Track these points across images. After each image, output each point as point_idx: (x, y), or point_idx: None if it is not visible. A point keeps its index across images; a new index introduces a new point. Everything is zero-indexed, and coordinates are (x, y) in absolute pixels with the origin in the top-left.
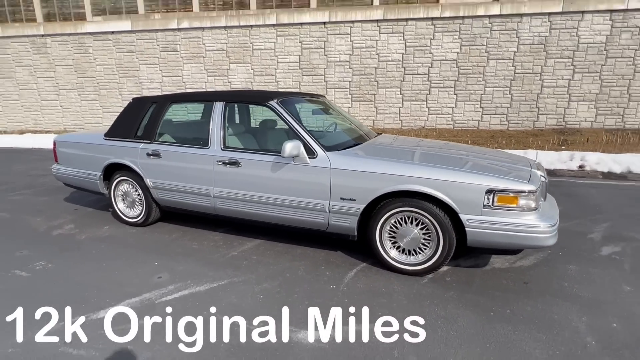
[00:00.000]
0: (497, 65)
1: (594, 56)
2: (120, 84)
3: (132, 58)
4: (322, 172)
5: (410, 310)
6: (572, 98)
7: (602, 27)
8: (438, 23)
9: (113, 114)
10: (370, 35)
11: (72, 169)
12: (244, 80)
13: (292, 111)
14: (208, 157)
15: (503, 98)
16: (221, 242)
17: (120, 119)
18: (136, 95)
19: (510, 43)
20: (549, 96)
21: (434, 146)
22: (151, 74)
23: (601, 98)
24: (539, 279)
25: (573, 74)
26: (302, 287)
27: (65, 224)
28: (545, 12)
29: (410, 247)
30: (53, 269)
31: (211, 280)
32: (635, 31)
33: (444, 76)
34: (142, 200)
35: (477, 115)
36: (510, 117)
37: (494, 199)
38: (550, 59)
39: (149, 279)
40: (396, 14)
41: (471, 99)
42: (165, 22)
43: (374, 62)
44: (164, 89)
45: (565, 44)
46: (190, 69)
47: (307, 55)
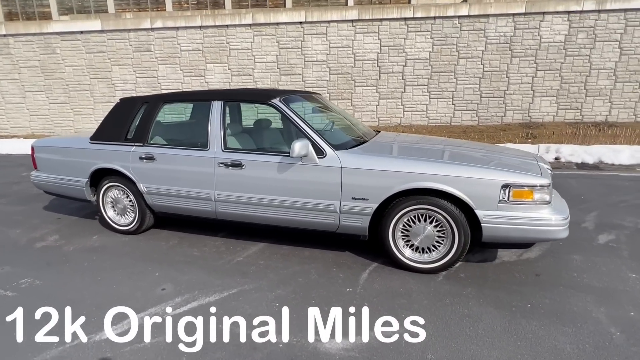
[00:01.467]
0: (467, 63)
1: (554, 54)
2: (91, 86)
3: (104, 59)
4: (332, 172)
5: (433, 310)
6: (536, 94)
7: (561, 28)
8: (411, 23)
9: (85, 116)
10: (346, 35)
11: (55, 175)
12: (222, 80)
13: (296, 109)
14: (208, 159)
15: (473, 95)
16: (223, 248)
17: (107, 121)
18: (122, 97)
19: (479, 42)
20: (515, 92)
21: (441, 143)
22: (124, 75)
23: (561, 94)
24: (549, 270)
25: (536, 72)
26: (318, 291)
27: (48, 235)
28: (509, 13)
29: (424, 245)
30: (41, 286)
31: (220, 289)
32: (590, 31)
33: (418, 75)
34: (135, 206)
35: (450, 112)
36: (480, 112)
37: (509, 193)
38: (515, 57)
39: (152, 292)
40: (370, 14)
41: (444, 96)
42: (138, 22)
43: (350, 61)
44: (138, 90)
45: (529, 43)
46: (166, 69)
47: (285, 54)
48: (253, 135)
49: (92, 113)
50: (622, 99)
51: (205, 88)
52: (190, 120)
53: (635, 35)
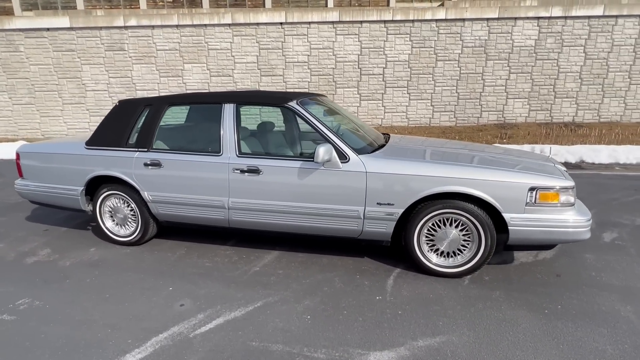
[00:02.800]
0: (444, 66)
1: (526, 58)
2: (59, 86)
3: (73, 57)
4: (356, 177)
5: (469, 316)
6: (509, 96)
7: (532, 32)
8: (390, 26)
9: (52, 118)
10: (327, 37)
11: (44, 184)
12: (200, 81)
13: (314, 112)
14: (221, 165)
15: (451, 96)
16: (236, 257)
17: (105, 125)
18: (121, 99)
19: (455, 45)
20: (490, 94)
21: (459, 146)
22: (96, 75)
23: (533, 95)
24: (568, 270)
25: (509, 74)
26: (347, 301)
27: (38, 249)
28: (484, 18)
29: (449, 249)
30: (43, 307)
31: (243, 303)
32: (558, 36)
33: (398, 76)
34: (137, 216)
35: (429, 113)
36: (457, 114)
37: (536, 196)
38: (490, 60)
39: (169, 309)
40: (351, 16)
41: (423, 97)
42: (110, 20)
43: (331, 62)
44: (111, 90)
45: (502, 47)
46: (141, 69)
47: (265, 55)
48: (267, 139)
49: (60, 115)
50: (587, 100)
51: (183, 89)
52: (198, 123)
53: (599, 40)
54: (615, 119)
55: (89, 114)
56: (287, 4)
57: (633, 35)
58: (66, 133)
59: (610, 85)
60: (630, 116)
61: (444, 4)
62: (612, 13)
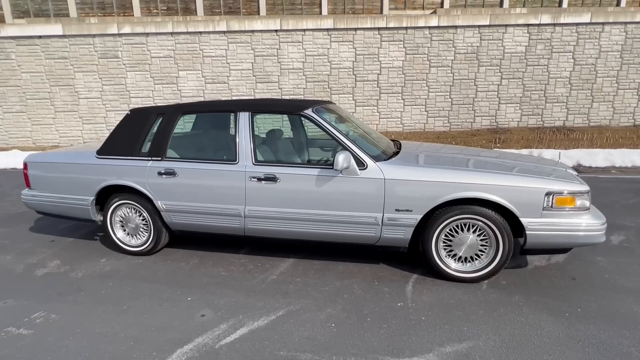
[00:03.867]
0: (438, 72)
1: (517, 64)
2: (52, 94)
3: (66, 65)
4: (375, 184)
5: (492, 321)
6: (502, 101)
7: (522, 39)
8: (384, 33)
9: (44, 126)
10: (322, 44)
11: (53, 194)
12: (195, 88)
13: (330, 120)
14: (238, 173)
15: (444, 102)
16: (251, 266)
17: (117, 134)
18: (133, 107)
19: (448, 52)
20: (483, 100)
21: (471, 152)
22: (89, 82)
23: (524, 101)
24: (582, 274)
25: (501, 80)
26: (369, 307)
27: (47, 261)
28: (475, 25)
29: (467, 254)
30: (60, 320)
31: (265, 312)
32: (547, 43)
33: (392, 83)
34: (149, 225)
35: (423, 119)
36: (451, 119)
37: (552, 201)
38: (482, 66)
39: (191, 319)
40: (345, 24)
41: (417, 103)
42: (104, 27)
43: (326, 69)
44: (104, 98)
45: (494, 53)
46: (135, 76)
47: (261, 62)
48: (280, 147)
49: (52, 123)
50: (577, 105)
51: (177, 96)
52: (211, 132)
53: (586, 47)
54: (604, 122)
55: (81, 122)
56: (282, 12)
57: (619, 42)
58: (58, 142)
59: (598, 90)
60: (618, 120)
61: (436, 11)
62: (599, 20)
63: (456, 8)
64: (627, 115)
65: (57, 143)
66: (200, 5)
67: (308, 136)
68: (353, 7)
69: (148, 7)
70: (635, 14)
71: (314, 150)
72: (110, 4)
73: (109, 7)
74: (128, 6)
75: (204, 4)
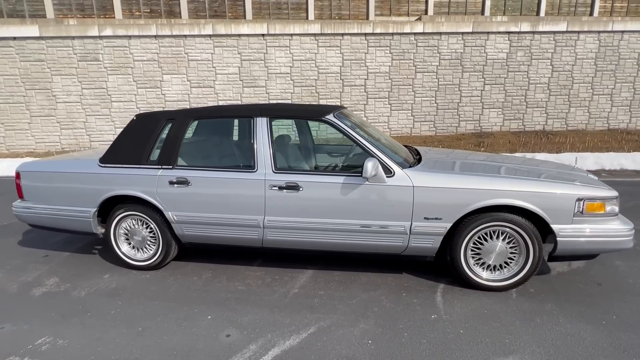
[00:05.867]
0: (423, 77)
1: (499, 70)
2: (27, 98)
3: (43, 68)
4: (403, 191)
5: (532, 332)
6: (485, 106)
7: (503, 46)
8: (371, 38)
9: (19, 132)
10: (309, 48)
11: (50, 206)
12: (180, 92)
13: (351, 125)
14: (257, 181)
15: (430, 107)
16: (269, 279)
17: (121, 141)
18: (139, 113)
19: (433, 58)
20: (467, 105)
21: (496, 159)
22: (67, 86)
23: (506, 105)
24: (606, 279)
25: (484, 85)
26: (403, 321)
27: (44, 278)
28: (459, 32)
29: (496, 262)
30: (69, 346)
31: (294, 329)
32: (527, 50)
33: (379, 88)
34: (158, 237)
35: (410, 123)
36: (437, 123)
37: (583, 207)
38: (466, 72)
39: (216, 341)
40: (332, 29)
41: (403, 108)
42: (84, 29)
43: (314, 74)
44: (84, 102)
45: (477, 60)
46: (117, 80)
47: (247, 66)
48: (298, 154)
49: (28, 128)
50: (555, 110)
51: (162, 100)
52: (225, 138)
53: (564, 54)
54: (581, 127)
55: (59, 127)
56: (268, 16)
57: (593, 50)
58: (34, 147)
59: (575, 95)
60: (594, 124)
61: (421, 18)
62: (575, 29)
63: (440, 15)
64: (602, 120)
65: (33, 149)
66: (185, 8)
67: (315, 142)
68: (339, 13)
69: (130, 9)
70: (607, 23)
71: (332, 157)
72: (90, 6)
73: (88, 9)
74: (109, 8)
75: (189, 7)
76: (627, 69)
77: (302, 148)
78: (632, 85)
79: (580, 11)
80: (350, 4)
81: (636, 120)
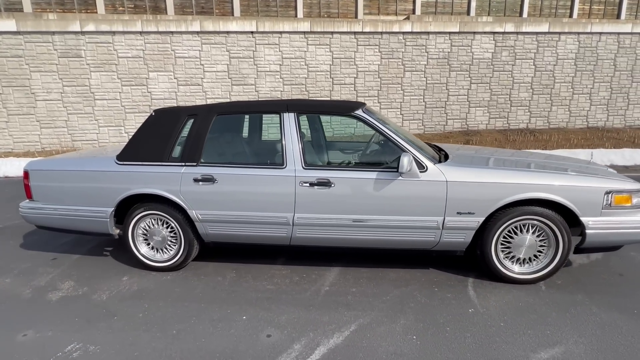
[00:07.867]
0: (412, 76)
1: (485, 69)
2: (4, 95)
3: (20, 64)
4: (437, 187)
5: (570, 322)
6: (471, 104)
7: (489, 46)
8: (360, 37)
9: None
10: (298, 46)
11: (62, 206)
12: (167, 90)
13: (380, 120)
14: (286, 178)
15: (418, 105)
16: (296, 277)
17: (141, 137)
18: (157, 108)
19: (421, 57)
20: (454, 103)
21: (521, 155)
22: (48, 83)
23: (492, 104)
24: (628, 269)
25: (470, 84)
26: (442, 316)
27: (57, 282)
28: (446, 32)
29: (526, 255)
30: (103, 352)
31: (335, 327)
32: (511, 50)
33: (368, 86)
34: (179, 237)
35: (399, 121)
36: (425, 122)
37: (611, 199)
38: (453, 71)
39: (257, 341)
40: (322, 27)
41: (392, 106)
42: (65, 24)
43: (303, 72)
44: (65, 100)
45: (463, 59)
46: (100, 77)
47: (236, 64)
48: (330, 150)
49: (5, 127)
50: (538, 108)
51: (148, 98)
52: (250, 134)
53: (545, 54)
54: (562, 125)
55: (39, 126)
56: (257, 13)
57: (573, 51)
58: (12, 147)
59: (557, 94)
60: (574, 122)
61: (409, 17)
62: (556, 30)
63: (427, 15)
64: (581, 118)
65: (11, 149)
66: (171, 4)
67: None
68: (328, 11)
69: (113, 4)
70: (587, 25)
71: (370, 153)
72: (71, 0)
73: (68, 3)
74: (90, 2)
75: (175, 3)
76: (605, 69)
77: (327, 144)
78: (609, 85)
79: (560, 13)
80: (339, 2)
81: (613, 118)
